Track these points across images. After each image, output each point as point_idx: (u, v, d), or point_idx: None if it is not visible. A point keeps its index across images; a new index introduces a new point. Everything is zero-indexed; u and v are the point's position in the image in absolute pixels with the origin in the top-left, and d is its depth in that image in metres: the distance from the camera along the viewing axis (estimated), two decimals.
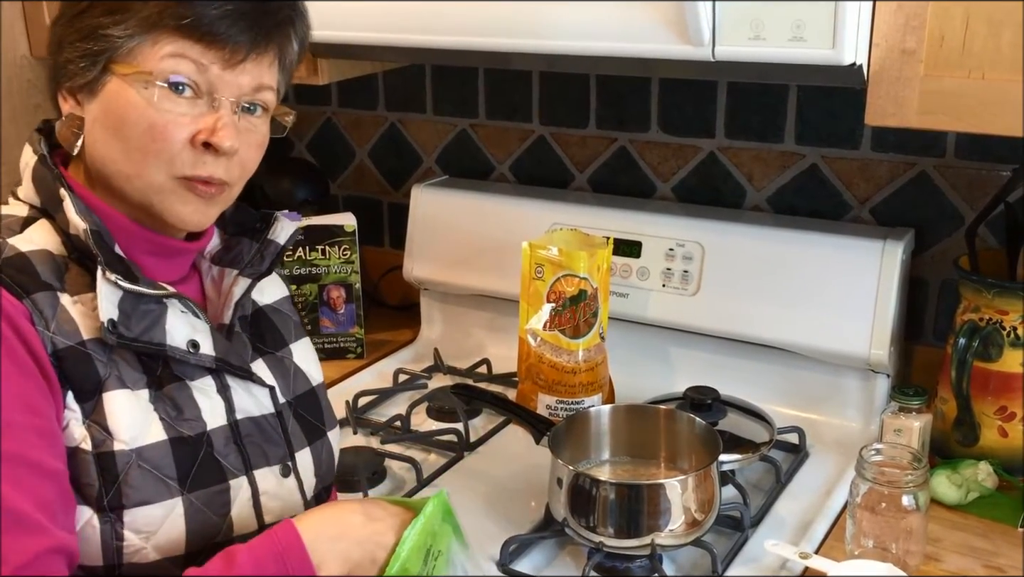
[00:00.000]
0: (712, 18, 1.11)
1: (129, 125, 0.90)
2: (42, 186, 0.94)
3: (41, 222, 0.93)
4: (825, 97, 1.51)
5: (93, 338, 0.89)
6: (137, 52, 0.89)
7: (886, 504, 1.14)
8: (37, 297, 0.87)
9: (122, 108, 0.90)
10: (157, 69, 0.89)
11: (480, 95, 1.80)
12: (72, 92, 0.92)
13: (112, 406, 0.89)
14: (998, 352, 1.30)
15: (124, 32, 0.88)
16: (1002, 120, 1.06)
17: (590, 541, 1.15)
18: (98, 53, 0.89)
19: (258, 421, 1.00)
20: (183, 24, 0.88)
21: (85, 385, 0.88)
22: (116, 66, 0.89)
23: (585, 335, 1.42)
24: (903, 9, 1.07)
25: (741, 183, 1.61)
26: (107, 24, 0.88)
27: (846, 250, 1.43)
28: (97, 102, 0.91)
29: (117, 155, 0.91)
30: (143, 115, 0.89)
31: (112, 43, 0.89)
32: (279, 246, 1.05)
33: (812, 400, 1.49)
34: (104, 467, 0.88)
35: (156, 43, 0.89)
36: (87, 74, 0.90)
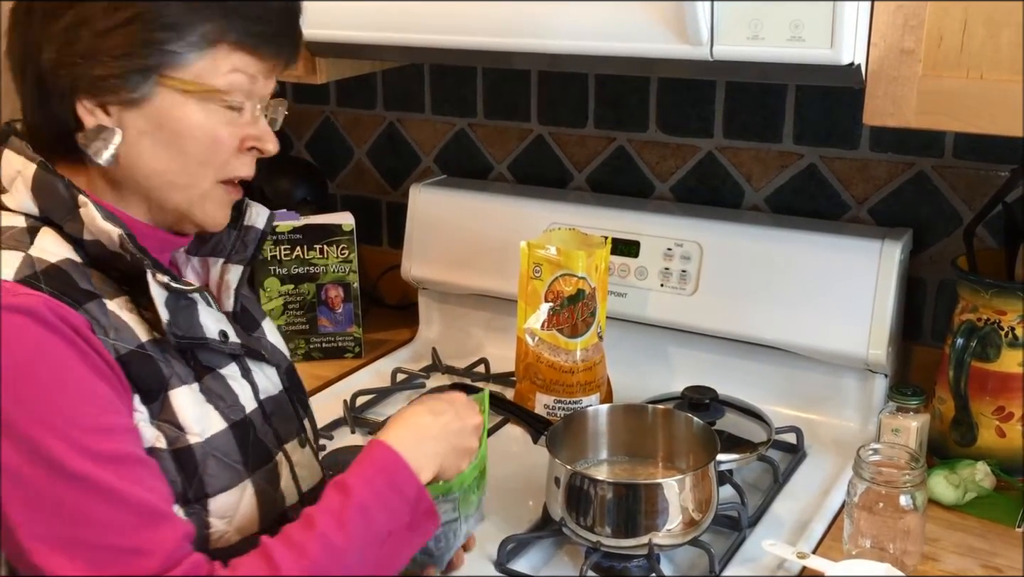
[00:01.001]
0: (711, 18, 1.11)
1: (188, 137, 0.91)
2: (47, 194, 0.91)
3: (45, 231, 0.91)
4: (823, 97, 1.51)
5: (149, 340, 0.91)
6: (196, 67, 0.89)
7: (884, 504, 1.14)
8: (89, 307, 0.87)
9: (181, 122, 0.90)
10: (221, 85, 0.90)
11: (479, 95, 1.80)
12: (102, 104, 0.89)
13: (179, 403, 0.92)
14: (996, 352, 1.30)
15: (185, 47, 0.88)
16: (1001, 120, 1.06)
17: (588, 541, 1.15)
18: (151, 68, 0.88)
19: (276, 399, 1.05)
20: (245, 40, 0.91)
21: (151, 386, 0.90)
22: (171, 80, 0.89)
23: (583, 335, 1.42)
24: (902, 9, 1.07)
25: (739, 183, 1.61)
26: (164, 39, 0.87)
27: (844, 250, 1.43)
28: (141, 115, 0.90)
29: (168, 166, 0.92)
30: (204, 127, 0.91)
31: (170, 58, 0.88)
32: (259, 231, 1.06)
33: (810, 400, 1.49)
34: (183, 462, 0.91)
35: (217, 59, 0.90)
36: (136, 88, 0.88)
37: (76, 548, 0.81)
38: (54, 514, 0.81)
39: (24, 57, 0.91)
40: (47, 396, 0.82)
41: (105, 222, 0.89)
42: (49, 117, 0.91)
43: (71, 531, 0.81)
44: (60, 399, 0.82)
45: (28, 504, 0.81)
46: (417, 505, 0.93)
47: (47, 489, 0.81)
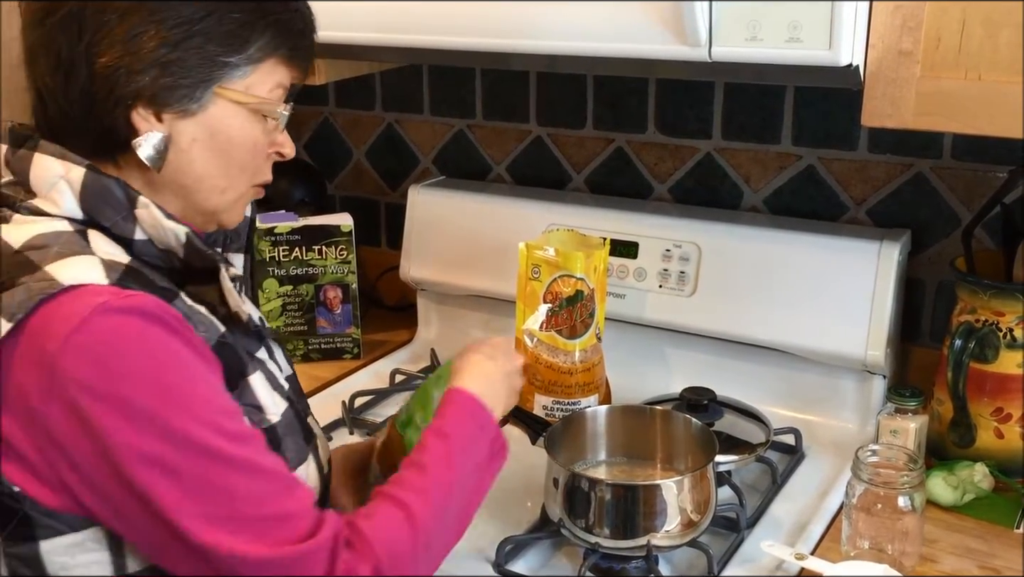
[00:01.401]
0: (709, 19, 1.11)
1: (236, 146, 0.95)
2: (100, 197, 0.91)
3: (95, 234, 0.91)
4: (822, 98, 1.51)
5: (226, 330, 0.95)
6: (248, 80, 0.94)
7: (882, 505, 1.14)
8: (176, 303, 0.90)
9: (232, 131, 0.94)
10: (270, 98, 0.96)
11: (477, 95, 1.80)
12: (157, 113, 0.91)
13: (256, 386, 0.97)
14: (994, 353, 1.30)
15: (242, 61, 0.93)
16: (999, 121, 1.06)
17: (586, 542, 1.15)
18: (211, 79, 0.91)
19: (291, 378, 1.09)
20: (294, 56, 0.97)
21: (234, 373, 0.94)
22: (226, 91, 0.93)
23: (582, 336, 1.42)
24: (900, 10, 1.07)
25: (738, 184, 1.61)
26: (224, 52, 0.91)
27: (843, 251, 1.43)
28: (195, 123, 0.93)
29: (216, 171, 0.96)
30: (248, 136, 0.96)
31: (229, 71, 0.92)
32: (247, 219, 1.08)
33: (808, 401, 1.49)
34: (269, 440, 0.95)
35: (267, 72, 0.95)
36: (192, 97, 0.91)
37: (235, 522, 0.85)
38: (209, 495, 0.84)
39: (72, 59, 0.89)
40: (180, 387, 0.85)
41: (170, 221, 0.92)
42: (95, 120, 0.91)
43: (227, 508, 0.85)
44: (190, 389, 0.86)
45: (185, 491, 0.84)
46: (494, 441, 1.04)
47: (198, 472, 0.84)
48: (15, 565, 0.89)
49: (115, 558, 0.89)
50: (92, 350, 0.82)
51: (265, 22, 0.93)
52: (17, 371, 0.83)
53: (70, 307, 0.83)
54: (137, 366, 0.83)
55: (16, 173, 0.94)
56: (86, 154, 0.92)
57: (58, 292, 0.84)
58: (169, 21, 0.88)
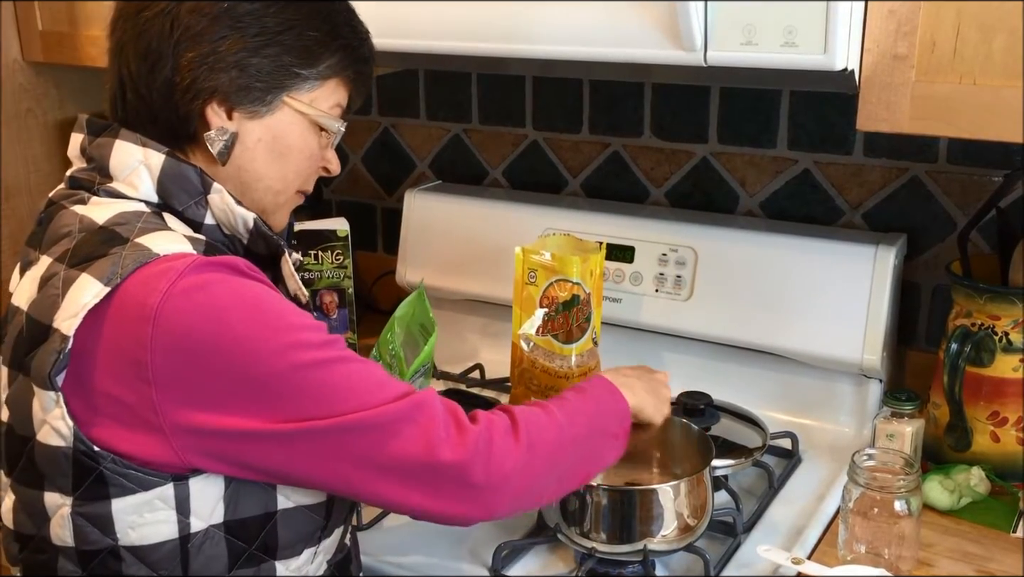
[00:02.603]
0: (704, 23, 1.11)
1: (295, 152, 1.02)
2: (177, 182, 0.97)
3: (169, 216, 0.98)
4: (817, 102, 1.51)
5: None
6: (315, 93, 1.01)
7: (879, 509, 1.14)
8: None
9: (293, 137, 1.02)
10: (329, 110, 1.03)
11: (473, 100, 1.80)
12: (230, 110, 0.98)
13: None
14: (990, 357, 1.30)
15: (312, 74, 1.00)
16: (994, 125, 1.06)
17: (582, 547, 1.15)
18: (282, 87, 0.99)
19: None
20: (357, 78, 1.05)
21: None
22: (294, 101, 1.00)
23: (578, 340, 1.42)
24: (895, 14, 1.07)
25: (734, 188, 1.61)
26: (300, 64, 0.99)
27: (839, 255, 1.44)
28: (262, 125, 1.00)
29: (274, 172, 1.02)
30: (307, 146, 1.03)
31: (300, 82, 1.00)
32: (290, 222, 1.13)
33: (805, 405, 1.49)
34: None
35: (332, 90, 1.03)
36: (263, 101, 0.99)
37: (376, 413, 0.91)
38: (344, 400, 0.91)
39: (161, 49, 0.96)
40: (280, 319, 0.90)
41: (240, 207, 0.98)
42: (171, 108, 0.98)
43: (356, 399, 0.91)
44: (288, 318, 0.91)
45: (317, 396, 0.90)
46: (622, 421, 1.09)
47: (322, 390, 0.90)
48: (83, 524, 0.92)
49: (180, 517, 0.92)
50: (191, 297, 0.87)
51: (337, 44, 1.01)
52: (115, 330, 0.88)
53: (165, 267, 0.89)
54: (234, 301, 0.89)
55: (95, 159, 1.00)
56: (159, 141, 0.99)
57: (153, 259, 0.89)
58: (252, 29, 0.96)
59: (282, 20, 0.97)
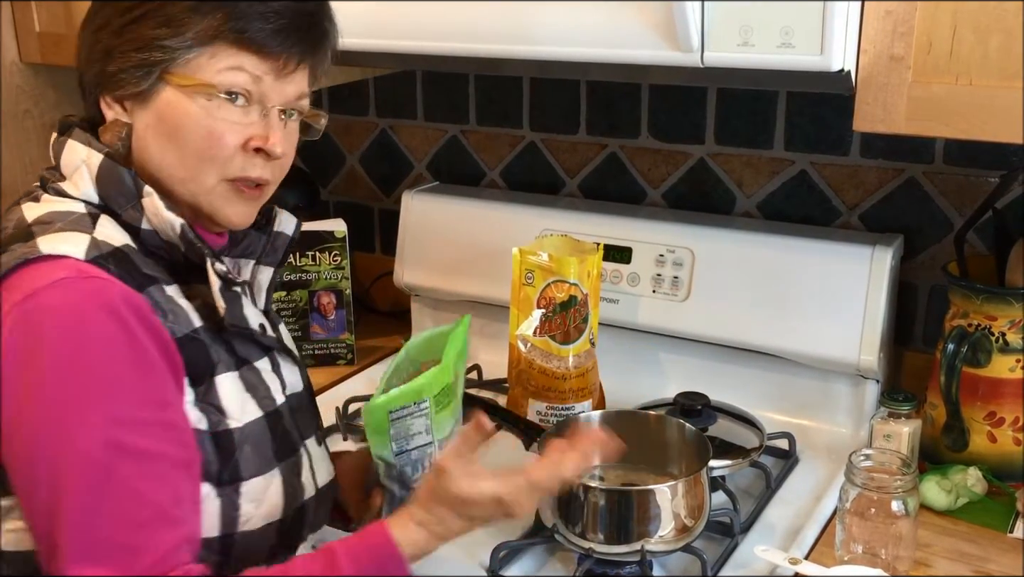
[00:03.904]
0: (701, 24, 1.11)
1: (186, 132, 0.94)
2: (112, 183, 0.95)
3: (105, 218, 0.95)
4: (814, 103, 1.51)
5: (202, 326, 0.95)
6: (194, 63, 0.93)
7: (875, 509, 1.14)
8: (151, 290, 0.92)
9: (179, 116, 0.94)
10: (216, 81, 0.93)
11: (471, 101, 1.80)
12: (119, 99, 0.95)
13: (223, 389, 0.96)
14: (987, 358, 1.30)
15: (182, 44, 0.92)
16: (990, 126, 1.06)
17: (580, 547, 1.15)
18: (154, 63, 0.92)
19: (300, 396, 1.09)
20: (242, 37, 0.93)
21: (200, 370, 0.94)
22: (172, 76, 0.93)
23: (575, 341, 1.42)
24: (891, 15, 1.08)
25: (731, 189, 1.61)
26: (165, 36, 0.91)
27: (835, 256, 1.44)
28: (149, 110, 0.95)
29: (172, 160, 0.95)
30: (201, 123, 0.94)
31: (170, 54, 0.92)
32: (288, 237, 1.10)
33: (802, 406, 1.49)
34: (221, 445, 0.94)
35: (214, 56, 0.93)
36: (141, 83, 0.93)
37: (86, 533, 0.83)
38: (73, 498, 0.83)
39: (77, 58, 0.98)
40: (91, 382, 0.85)
41: (168, 212, 0.94)
42: (89, 112, 0.98)
43: (79, 516, 0.83)
44: (101, 387, 0.85)
45: (53, 487, 0.84)
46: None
47: (74, 474, 0.83)
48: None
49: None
50: (28, 320, 0.85)
51: (210, 7, 0.92)
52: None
53: (37, 275, 0.86)
54: (63, 346, 0.84)
55: (54, 157, 1.00)
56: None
57: (35, 259, 0.87)
58: (120, 11, 0.93)
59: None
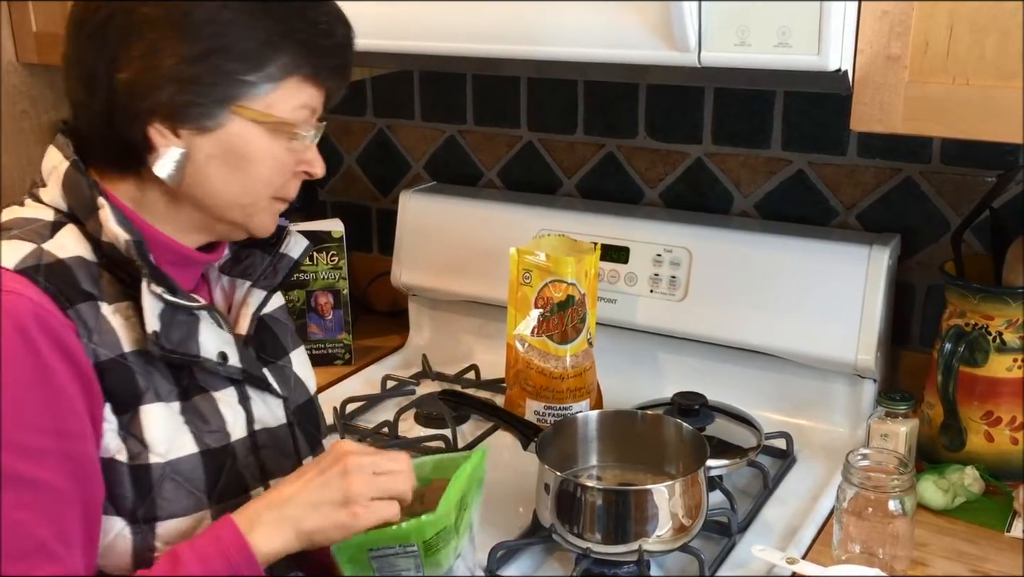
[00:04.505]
0: (698, 24, 1.11)
1: (256, 163, 0.93)
2: (74, 192, 0.93)
3: (69, 227, 0.92)
4: (811, 103, 1.51)
5: (133, 350, 0.91)
6: (267, 98, 0.91)
7: (873, 509, 1.14)
8: (81, 308, 0.88)
9: (250, 149, 0.92)
10: (292, 118, 0.93)
11: (468, 101, 1.80)
12: (175, 128, 0.90)
13: (148, 419, 0.91)
14: (984, 357, 1.31)
15: (260, 79, 0.90)
16: (987, 125, 1.06)
17: (577, 547, 1.15)
18: (228, 98, 0.90)
19: (273, 432, 1.02)
20: (313, 73, 0.93)
21: (124, 398, 0.90)
22: (244, 111, 0.91)
23: (573, 341, 1.42)
24: (888, 15, 1.08)
25: (728, 189, 1.61)
26: (243, 71, 0.89)
27: (833, 255, 1.44)
28: (211, 139, 0.91)
29: (235, 188, 0.94)
30: (272, 155, 0.94)
31: (247, 89, 0.90)
32: (292, 260, 1.06)
33: (799, 405, 1.49)
34: (139, 479, 0.90)
35: (287, 91, 0.92)
36: (208, 115, 0.90)
37: None
38: None
39: (95, 72, 0.90)
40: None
41: (117, 226, 0.90)
42: (114, 133, 0.91)
43: None
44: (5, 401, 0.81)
45: None
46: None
47: None
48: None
49: None
50: None
51: (288, 41, 0.91)
52: None
53: None
54: None
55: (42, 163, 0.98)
56: (110, 166, 0.94)
57: None
58: (189, 37, 0.87)
59: (221, 24, 0.87)
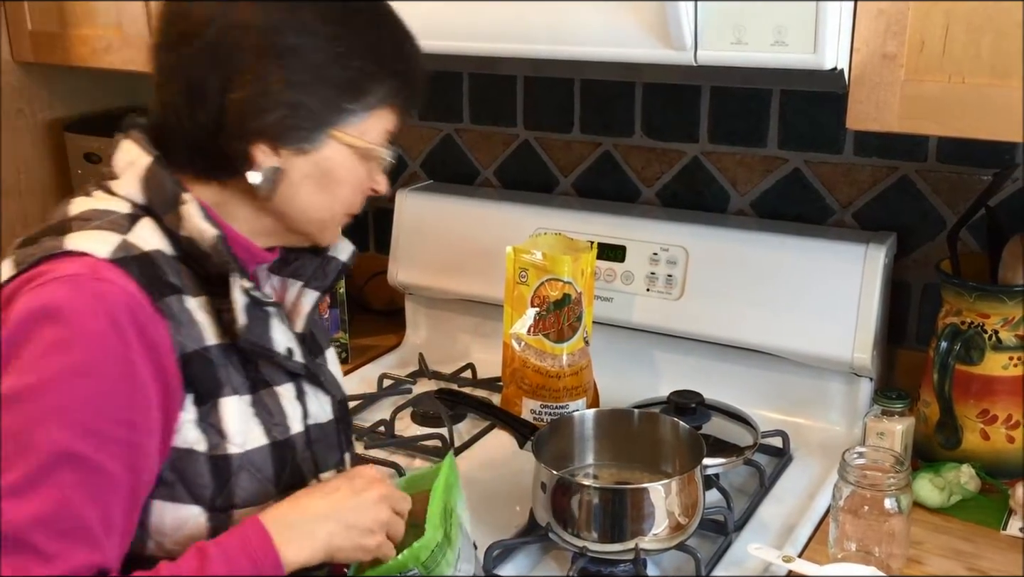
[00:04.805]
0: (694, 22, 1.11)
1: (343, 184, 0.99)
2: (155, 187, 0.95)
3: (147, 220, 0.95)
4: (807, 102, 1.51)
5: (216, 344, 0.94)
6: (361, 126, 0.97)
7: (869, 507, 1.14)
8: (169, 300, 0.91)
9: (340, 171, 0.98)
10: (381, 145, 0.99)
11: (465, 100, 1.80)
12: (275, 147, 0.94)
13: (227, 410, 0.94)
14: (980, 355, 1.31)
15: (358, 107, 0.95)
16: (983, 124, 1.06)
17: (574, 546, 1.15)
18: (328, 123, 0.95)
19: (324, 427, 1.05)
20: (404, 104, 0.99)
21: (205, 389, 0.93)
22: (341, 136, 0.96)
23: (569, 339, 1.42)
24: (884, 14, 1.08)
25: (725, 187, 1.61)
26: (345, 99, 0.94)
27: (829, 254, 1.44)
28: (308, 160, 0.95)
29: (320, 205, 0.99)
30: (358, 177, 1.00)
31: (347, 117, 0.95)
32: (341, 263, 1.10)
33: (796, 404, 1.50)
34: (218, 469, 0.93)
35: (379, 119, 0.98)
36: (309, 138, 0.94)
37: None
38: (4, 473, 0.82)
39: (204, 87, 0.92)
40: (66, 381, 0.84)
41: (203, 221, 0.94)
42: (215, 145, 0.94)
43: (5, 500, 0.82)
44: (74, 388, 0.84)
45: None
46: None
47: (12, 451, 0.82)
48: None
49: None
50: (28, 309, 0.85)
51: (385, 72, 0.96)
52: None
53: (55, 268, 0.87)
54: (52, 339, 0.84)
55: (111, 155, 1.00)
56: (194, 169, 0.96)
57: (59, 254, 0.88)
58: (297, 65, 0.92)
59: (329, 54, 0.93)
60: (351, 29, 0.94)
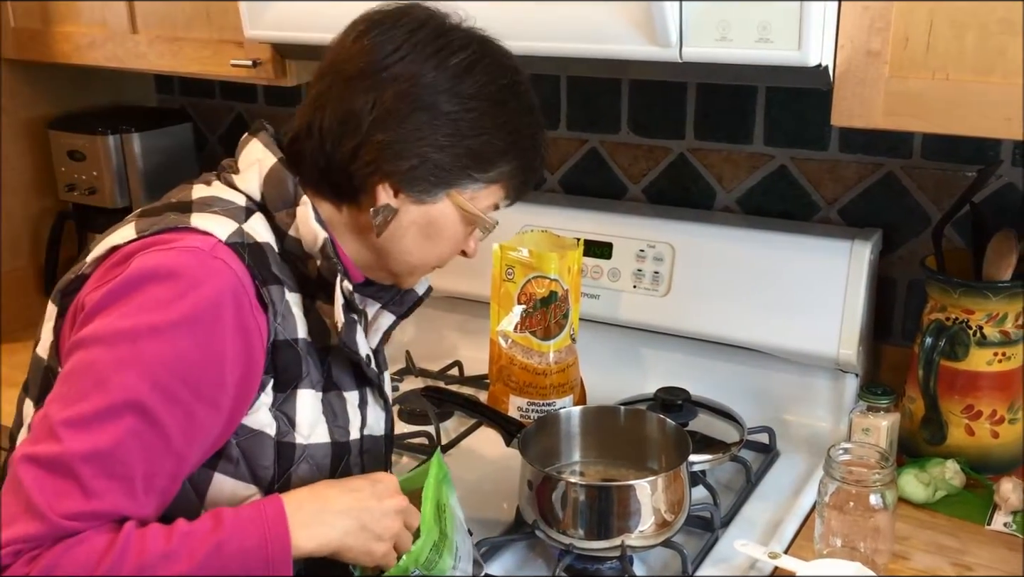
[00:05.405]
0: (679, 19, 1.11)
1: (445, 239, 1.05)
2: (275, 185, 1.01)
3: (259, 215, 1.01)
4: (793, 99, 1.52)
5: (304, 338, 1.00)
6: (478, 193, 1.04)
7: (854, 503, 1.14)
8: (272, 289, 0.97)
9: (446, 226, 1.04)
10: (489, 214, 1.06)
11: None
12: (397, 190, 1.00)
13: (301, 402, 1.00)
14: (964, 351, 1.31)
15: (481, 177, 1.03)
16: (967, 120, 1.07)
17: (560, 543, 1.15)
18: (450, 183, 1.02)
19: (376, 439, 1.11)
20: (518, 184, 1.07)
21: (288, 378, 0.99)
22: (457, 196, 1.02)
23: (556, 337, 1.42)
24: (868, 11, 1.08)
25: (711, 184, 1.61)
26: (475, 167, 1.02)
27: (815, 250, 1.44)
28: (421, 209, 1.02)
29: (419, 253, 1.06)
30: (456, 235, 1.06)
31: (466, 181, 1.02)
32: (416, 296, 1.16)
33: (782, 400, 1.50)
34: (283, 455, 0.99)
35: (492, 191, 1.05)
36: (429, 192, 1.01)
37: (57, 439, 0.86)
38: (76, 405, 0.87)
39: (358, 121, 0.98)
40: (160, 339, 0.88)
41: (316, 223, 1.00)
42: (346, 175, 1.00)
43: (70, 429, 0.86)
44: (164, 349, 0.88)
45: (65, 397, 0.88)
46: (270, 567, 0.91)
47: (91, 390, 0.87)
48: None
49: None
50: (147, 266, 0.91)
51: (513, 154, 1.03)
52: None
53: (177, 238, 0.93)
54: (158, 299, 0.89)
55: (237, 152, 1.07)
56: (317, 185, 1.02)
57: (183, 228, 0.95)
58: (445, 129, 0.99)
59: (474, 126, 1.00)
60: (500, 109, 1.01)
